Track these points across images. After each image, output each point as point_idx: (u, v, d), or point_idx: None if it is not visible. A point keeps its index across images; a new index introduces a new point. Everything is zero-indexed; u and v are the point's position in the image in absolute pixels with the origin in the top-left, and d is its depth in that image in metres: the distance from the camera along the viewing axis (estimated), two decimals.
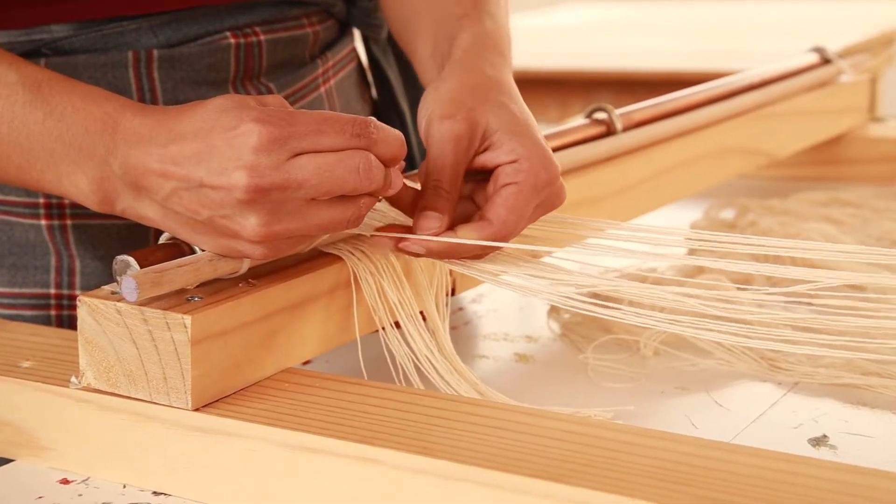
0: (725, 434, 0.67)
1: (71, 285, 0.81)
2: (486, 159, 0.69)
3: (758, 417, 0.69)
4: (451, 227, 0.67)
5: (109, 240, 0.81)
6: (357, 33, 0.97)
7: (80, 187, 0.65)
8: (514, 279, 0.67)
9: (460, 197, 0.69)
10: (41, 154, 0.66)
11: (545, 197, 0.69)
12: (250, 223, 0.61)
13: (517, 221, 0.67)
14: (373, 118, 0.63)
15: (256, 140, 0.60)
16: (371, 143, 0.62)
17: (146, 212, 0.64)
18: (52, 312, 0.81)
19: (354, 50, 0.96)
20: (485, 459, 0.56)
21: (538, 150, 0.68)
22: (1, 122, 0.66)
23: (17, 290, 0.81)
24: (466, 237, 0.66)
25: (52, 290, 0.81)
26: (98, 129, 0.64)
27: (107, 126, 0.64)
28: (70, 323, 0.81)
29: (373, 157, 0.62)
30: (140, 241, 0.81)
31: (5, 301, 0.81)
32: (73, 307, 0.81)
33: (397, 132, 0.63)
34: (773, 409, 0.70)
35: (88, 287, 0.81)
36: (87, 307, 0.63)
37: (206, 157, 0.60)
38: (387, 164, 0.63)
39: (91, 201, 0.65)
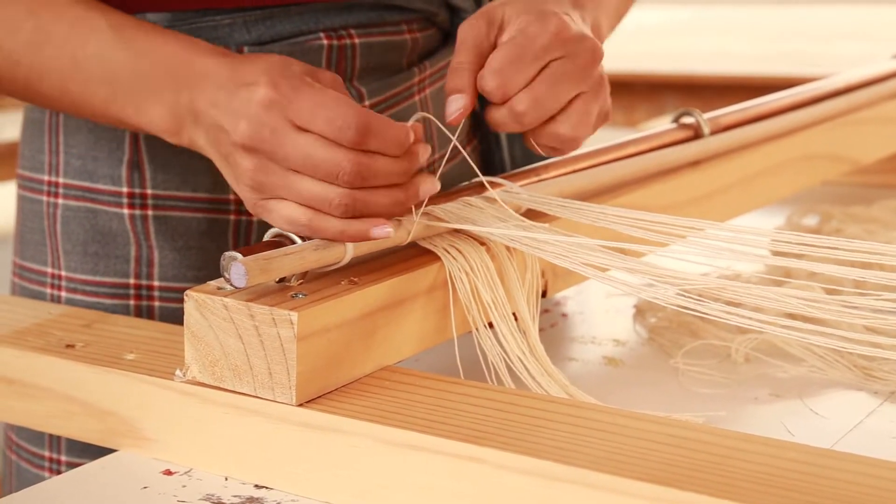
0: (823, 442, 0.66)
1: (149, 276, 0.83)
2: (503, 39, 0.71)
3: (855, 426, 0.69)
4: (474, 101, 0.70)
5: (188, 231, 0.82)
6: None
7: (152, 118, 0.72)
8: (621, 275, 0.67)
9: None
10: (125, 87, 0.73)
11: (566, 50, 0.70)
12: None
13: (513, 69, 0.68)
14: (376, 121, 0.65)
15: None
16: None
17: (199, 140, 0.70)
18: (131, 302, 0.83)
19: None
20: (591, 462, 0.56)
21: (545, 12, 0.70)
22: (93, 63, 0.73)
23: (98, 279, 0.83)
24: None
25: (132, 280, 0.83)
26: (174, 66, 0.71)
27: (182, 64, 0.71)
28: (148, 313, 0.83)
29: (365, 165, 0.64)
30: (218, 233, 0.83)
31: (88, 289, 0.83)
32: (151, 297, 0.83)
33: (400, 132, 0.65)
34: (870, 418, 0.70)
35: (166, 278, 0.83)
36: (195, 302, 0.63)
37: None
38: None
39: (163, 131, 0.72)
